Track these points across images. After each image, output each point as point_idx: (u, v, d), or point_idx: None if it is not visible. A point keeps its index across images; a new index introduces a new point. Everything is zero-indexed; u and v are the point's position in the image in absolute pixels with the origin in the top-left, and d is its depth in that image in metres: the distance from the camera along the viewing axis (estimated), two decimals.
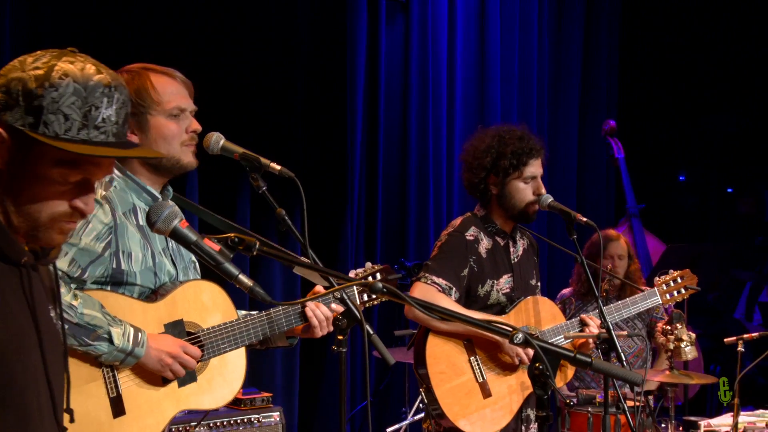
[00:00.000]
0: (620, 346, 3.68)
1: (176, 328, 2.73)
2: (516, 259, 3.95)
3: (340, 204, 6.48)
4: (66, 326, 2.43)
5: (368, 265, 3.29)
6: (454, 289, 3.73)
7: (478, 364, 3.74)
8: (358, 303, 3.00)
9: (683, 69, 9.22)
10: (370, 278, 3.24)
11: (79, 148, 1.62)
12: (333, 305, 2.94)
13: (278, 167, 2.78)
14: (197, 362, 2.72)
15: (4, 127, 1.61)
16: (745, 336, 4.90)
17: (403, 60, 6.90)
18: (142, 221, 2.72)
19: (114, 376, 2.61)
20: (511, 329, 2.11)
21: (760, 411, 5.15)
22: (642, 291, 4.34)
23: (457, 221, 3.94)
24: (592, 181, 8.17)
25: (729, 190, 10.28)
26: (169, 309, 2.74)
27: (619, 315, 4.09)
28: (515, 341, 2.08)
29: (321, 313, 2.93)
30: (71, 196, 1.66)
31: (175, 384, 2.71)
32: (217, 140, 2.83)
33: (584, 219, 3.77)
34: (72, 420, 1.73)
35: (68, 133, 1.61)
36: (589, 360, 2.10)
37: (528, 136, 3.90)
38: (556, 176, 7.52)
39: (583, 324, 3.91)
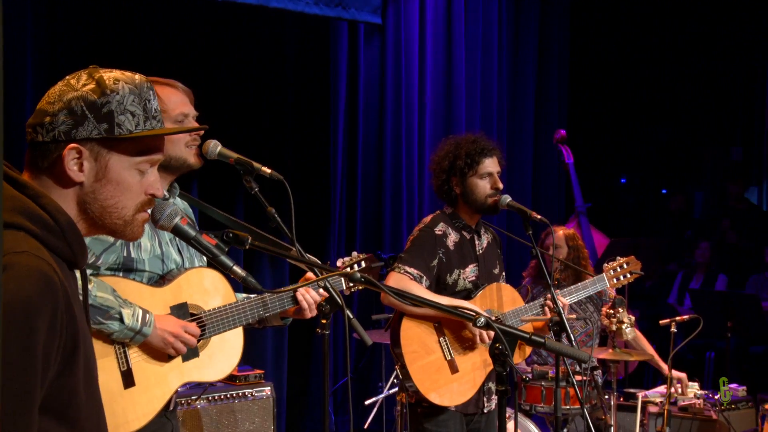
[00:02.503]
0: (573, 328, 3.69)
1: (181, 310, 2.73)
2: (481, 251, 3.95)
3: (324, 203, 6.47)
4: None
5: (354, 254, 3.29)
6: (424, 277, 3.73)
7: (446, 344, 3.74)
8: (345, 288, 3.00)
9: (624, 85, 9.30)
10: (355, 266, 3.25)
11: (155, 133, 1.65)
12: (321, 290, 2.95)
13: (269, 171, 2.77)
14: (198, 340, 2.72)
15: (79, 142, 1.59)
16: (677, 318, 4.93)
17: (379, 76, 6.89)
18: None
19: (125, 351, 2.61)
20: (474, 314, 2.10)
21: (689, 383, 5.18)
22: (592, 276, 4.35)
23: (428, 218, 3.93)
24: (545, 183, 8.20)
25: (663, 191, 10.35)
26: (175, 293, 2.74)
27: (572, 298, 4.09)
28: (478, 324, 2.07)
29: (310, 297, 2.95)
30: (145, 186, 1.67)
31: (179, 359, 2.71)
32: (215, 147, 2.82)
33: (539, 216, 3.77)
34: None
35: (138, 127, 1.63)
36: (543, 341, 2.10)
37: (480, 139, 3.90)
38: (513, 178, 7.54)
39: (543, 307, 3.91)
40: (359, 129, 6.74)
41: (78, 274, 1.69)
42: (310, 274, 2.97)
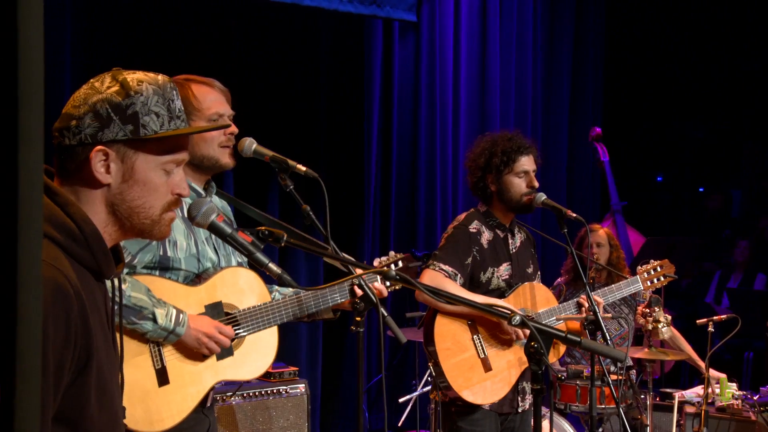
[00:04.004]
0: (607, 329, 3.66)
1: (215, 309, 2.74)
2: (514, 250, 3.93)
3: (358, 201, 6.48)
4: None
5: (391, 253, 3.29)
6: (459, 275, 3.72)
7: (480, 342, 3.72)
8: (383, 288, 3.01)
9: (660, 81, 9.19)
10: (392, 266, 3.25)
11: (180, 132, 1.66)
12: (377, 284, 2.95)
13: (304, 168, 2.77)
14: (231, 340, 2.73)
15: (105, 144, 1.60)
16: (715, 318, 4.87)
17: (414, 73, 6.89)
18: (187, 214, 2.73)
19: (159, 350, 2.62)
20: (509, 312, 2.09)
21: (728, 384, 5.11)
22: (626, 278, 4.32)
23: (462, 216, 3.93)
24: (580, 181, 8.14)
25: (700, 189, 10.23)
26: (210, 292, 2.75)
27: (605, 299, 4.07)
28: (513, 323, 2.06)
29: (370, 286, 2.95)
30: (171, 185, 1.68)
31: (214, 357, 2.72)
32: (250, 144, 2.83)
33: (573, 215, 3.74)
34: (123, 416, 1.73)
35: (163, 127, 1.64)
36: (579, 339, 2.08)
37: (517, 137, 3.89)
38: (548, 176, 7.49)
39: (580, 305, 3.90)
40: (393, 127, 6.73)
41: (109, 283, 1.69)
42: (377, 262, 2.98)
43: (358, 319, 2.62)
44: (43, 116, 0.83)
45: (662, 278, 4.28)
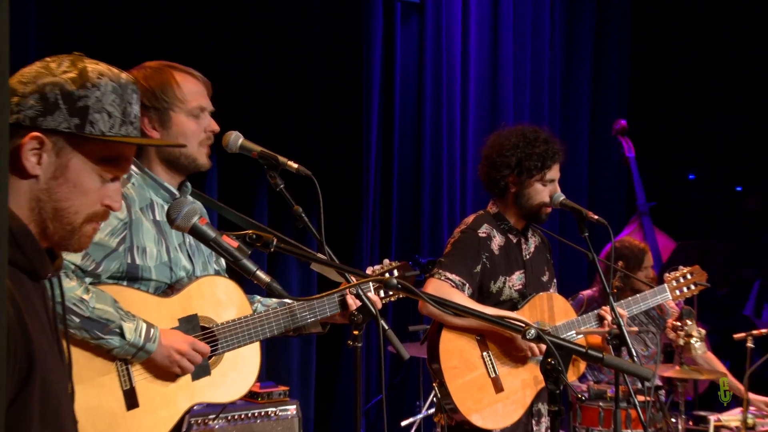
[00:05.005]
0: (635, 349, 3.66)
1: (190, 323, 2.73)
2: (528, 256, 3.94)
3: (356, 202, 6.48)
4: (78, 320, 2.43)
5: (386, 262, 3.28)
6: (467, 285, 3.72)
7: (490, 360, 3.73)
8: (376, 299, 3.00)
9: (692, 69, 9.17)
10: (387, 275, 3.23)
11: (130, 141, 1.64)
12: (370, 294, 2.96)
13: (295, 165, 2.78)
14: (209, 357, 2.72)
15: (44, 132, 1.58)
16: (754, 332, 4.87)
17: (417, 61, 6.89)
18: (159, 217, 2.73)
19: (128, 369, 2.60)
20: (523, 325, 2.10)
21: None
22: (651, 287, 4.31)
23: (470, 219, 3.93)
24: (603, 180, 8.14)
25: (737, 188, 10.22)
26: (184, 304, 2.74)
27: (629, 310, 4.07)
28: (528, 337, 2.07)
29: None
30: (102, 195, 1.66)
31: (188, 377, 2.70)
32: (236, 139, 2.83)
33: (595, 217, 3.75)
34: (75, 430, 1.71)
35: (112, 130, 1.62)
36: (601, 355, 2.09)
37: (553, 140, 3.91)
38: (567, 174, 7.42)
39: (601, 318, 3.90)
40: (395, 120, 6.74)
41: (48, 284, 1.67)
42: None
43: (355, 332, 2.62)
44: (8, 108, 0.83)
45: (692, 286, 4.27)
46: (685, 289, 4.26)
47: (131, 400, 2.60)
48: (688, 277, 4.28)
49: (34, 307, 1.56)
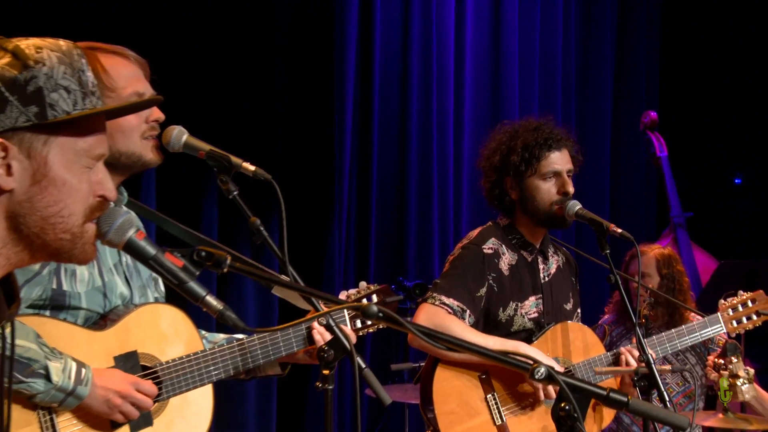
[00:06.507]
0: (668, 384, 3.66)
1: (129, 362, 2.73)
2: (547, 278, 3.95)
3: (327, 212, 6.48)
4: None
5: (362, 284, 3.29)
6: (467, 311, 3.72)
7: (496, 403, 3.73)
8: (350, 332, 3.01)
9: (739, 49, 9.22)
10: (364, 301, 3.24)
11: (100, 111, 1.66)
12: (344, 325, 2.97)
13: (252, 168, 2.79)
14: (153, 402, 2.72)
15: (2, 136, 1.58)
16: None
17: (401, 40, 6.91)
18: None
19: (52, 420, 2.60)
20: (532, 362, 2.10)
21: None
22: (700, 316, 4.31)
23: (474, 232, 3.94)
24: (628, 185, 8.18)
25: None
26: (121, 338, 2.73)
27: (672, 346, 4.07)
28: (536, 376, 2.07)
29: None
30: (93, 184, 1.68)
31: (126, 428, 2.70)
32: (179, 135, 2.84)
33: (619, 230, 3.74)
34: None
35: (76, 106, 1.63)
36: (625, 399, 2.10)
37: (545, 126, 3.90)
38: (585, 178, 7.50)
39: (618, 356, 3.91)
40: (374, 112, 6.75)
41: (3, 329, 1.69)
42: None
43: (325, 372, 2.62)
44: None
45: (754, 317, 4.27)
46: (744, 320, 4.25)
47: None
48: (749, 304, 4.27)
49: None
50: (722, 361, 4.51)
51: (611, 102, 8.06)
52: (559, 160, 3.88)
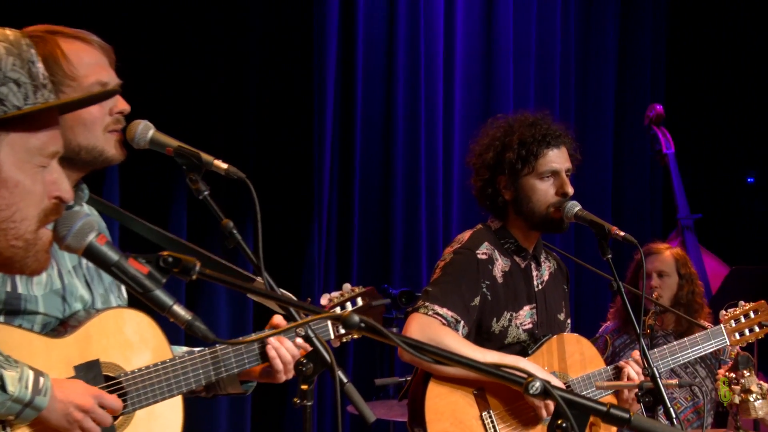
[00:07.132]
0: (675, 399, 3.67)
1: (90, 372, 2.73)
2: (540, 286, 3.96)
3: (305, 213, 6.48)
4: None
5: (346, 287, 3.29)
6: (461, 322, 3.72)
7: (491, 421, 3.73)
8: (334, 338, 3.01)
9: (753, 39, 9.25)
10: (349, 305, 3.24)
11: (54, 105, 1.68)
12: (299, 340, 2.95)
13: (224, 166, 2.79)
14: (118, 416, 2.72)
15: None
16: None
17: (386, 28, 6.91)
18: None
19: None
20: (526, 376, 2.11)
21: None
22: (702, 326, 4.32)
23: (465, 235, 3.93)
24: (632, 184, 8.20)
25: None
26: (82, 346, 2.73)
27: (674, 359, 4.09)
28: (531, 391, 2.08)
29: (286, 350, 2.94)
30: (48, 185, 1.69)
31: None
32: (145, 130, 2.84)
33: (621, 233, 3.75)
34: None
35: (28, 101, 1.64)
36: (627, 416, 2.11)
37: (542, 121, 3.91)
38: (585, 177, 7.51)
39: (619, 370, 3.91)
40: (356, 106, 6.75)
41: None
42: (279, 319, 2.98)
43: (304, 387, 2.62)
44: None
45: (757, 328, 4.30)
46: (747, 332, 4.27)
47: None
48: (752, 315, 4.29)
49: None
50: (734, 375, 4.53)
51: (614, 95, 8.08)
52: (558, 158, 3.89)
